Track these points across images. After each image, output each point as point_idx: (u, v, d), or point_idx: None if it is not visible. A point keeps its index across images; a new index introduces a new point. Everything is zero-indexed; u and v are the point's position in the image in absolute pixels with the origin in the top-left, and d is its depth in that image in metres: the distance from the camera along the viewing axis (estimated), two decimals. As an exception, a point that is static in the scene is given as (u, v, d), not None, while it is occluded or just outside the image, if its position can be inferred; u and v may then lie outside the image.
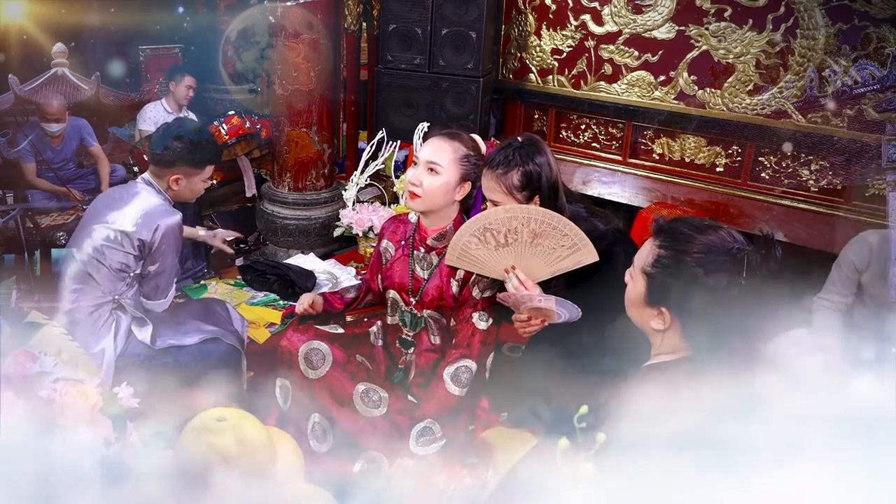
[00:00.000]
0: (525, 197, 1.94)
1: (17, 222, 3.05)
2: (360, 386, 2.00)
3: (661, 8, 3.54)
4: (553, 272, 1.87)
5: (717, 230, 1.28)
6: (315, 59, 3.64)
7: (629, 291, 1.38)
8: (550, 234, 1.81)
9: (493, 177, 1.94)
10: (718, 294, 1.22)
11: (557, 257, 1.84)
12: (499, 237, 1.86)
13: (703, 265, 1.23)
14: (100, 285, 2.23)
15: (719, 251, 1.23)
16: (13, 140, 3.78)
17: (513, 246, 1.87)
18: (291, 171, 3.85)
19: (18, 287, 2.92)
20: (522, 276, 1.87)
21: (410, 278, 2.11)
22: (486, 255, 1.90)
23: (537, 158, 1.94)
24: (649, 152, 3.84)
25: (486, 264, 1.91)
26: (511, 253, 1.88)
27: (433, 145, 2.02)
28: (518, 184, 1.92)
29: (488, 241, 1.87)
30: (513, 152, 1.93)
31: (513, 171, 1.92)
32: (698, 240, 1.25)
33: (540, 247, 1.84)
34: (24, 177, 3.84)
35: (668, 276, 1.27)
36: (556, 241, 1.82)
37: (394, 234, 2.19)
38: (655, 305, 1.30)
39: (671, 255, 1.27)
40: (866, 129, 3.06)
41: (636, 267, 1.36)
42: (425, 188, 1.99)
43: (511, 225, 1.84)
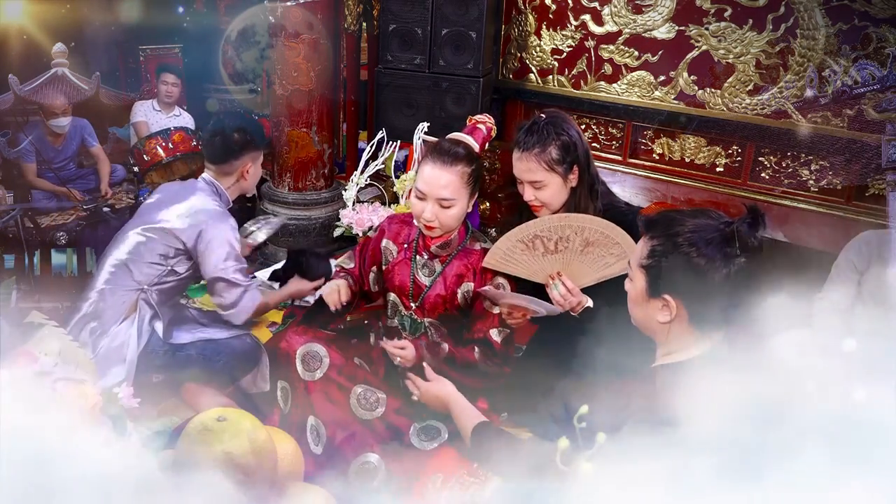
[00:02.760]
0: (565, 170, 1.94)
1: (17, 222, 3.04)
2: (358, 388, 1.99)
3: (661, 8, 3.54)
4: (598, 279, 1.86)
5: (703, 212, 1.32)
6: (315, 59, 3.64)
7: (631, 293, 1.39)
8: (603, 242, 1.81)
9: (531, 157, 1.93)
10: (716, 270, 1.25)
11: (605, 265, 1.84)
12: (549, 244, 1.85)
13: (696, 244, 1.26)
14: (132, 273, 2.27)
15: (708, 229, 1.27)
16: (13, 140, 3.78)
17: (562, 253, 1.85)
18: (291, 171, 3.85)
19: (18, 287, 2.92)
20: (570, 284, 1.86)
21: (412, 283, 2.10)
22: (530, 261, 1.89)
23: (568, 129, 1.95)
24: (649, 152, 3.83)
25: (529, 268, 1.90)
26: (559, 260, 1.87)
27: (437, 176, 1.92)
28: (557, 157, 1.92)
29: (536, 248, 1.86)
30: (543, 128, 1.93)
31: (550, 147, 1.91)
32: (687, 222, 1.29)
33: (590, 255, 1.83)
34: (25, 177, 3.84)
35: (665, 262, 1.30)
36: (608, 248, 1.81)
37: (396, 236, 2.17)
38: (658, 295, 1.31)
39: (664, 242, 1.30)
40: (866, 129, 3.05)
41: (633, 267, 1.37)
42: (442, 222, 1.96)
43: (564, 233, 1.83)
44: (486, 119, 2.21)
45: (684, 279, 1.27)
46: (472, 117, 2.23)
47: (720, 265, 1.24)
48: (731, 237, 1.25)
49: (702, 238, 1.26)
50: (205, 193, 2.35)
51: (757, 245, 1.25)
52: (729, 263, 1.24)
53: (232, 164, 2.36)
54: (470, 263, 2.06)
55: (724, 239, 1.25)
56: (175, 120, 4.47)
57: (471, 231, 2.12)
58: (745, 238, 1.24)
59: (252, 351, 2.36)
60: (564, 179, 1.96)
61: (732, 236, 1.25)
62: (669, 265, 1.29)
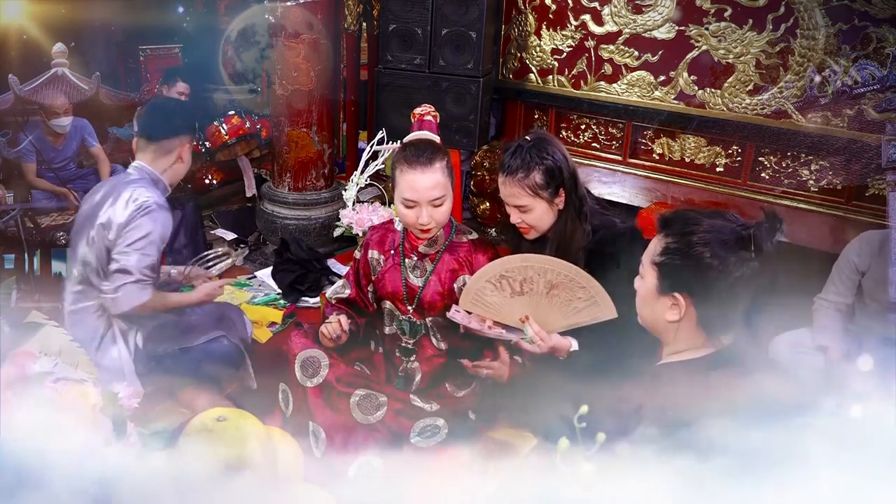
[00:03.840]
0: (550, 194, 1.92)
1: (17, 222, 3.05)
2: (359, 392, 1.98)
3: (661, 8, 3.54)
4: (569, 325, 1.81)
5: (719, 213, 1.31)
6: (315, 59, 3.64)
7: (640, 290, 1.39)
8: (567, 285, 1.75)
9: (515, 182, 1.91)
10: (729, 273, 1.23)
11: (574, 309, 1.79)
12: (514, 285, 1.81)
13: (710, 244, 1.25)
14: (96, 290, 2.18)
15: (724, 230, 1.26)
16: (13, 140, 3.78)
17: (528, 295, 1.81)
18: (291, 171, 3.85)
19: (18, 287, 2.92)
20: (536, 328, 1.81)
21: (404, 286, 2.10)
22: (501, 302, 1.84)
23: (553, 153, 1.92)
24: (649, 152, 3.83)
25: (500, 311, 1.86)
26: (526, 302, 1.82)
27: (423, 181, 1.90)
28: (542, 182, 1.90)
29: (504, 288, 1.82)
30: (527, 153, 1.90)
31: (534, 172, 1.89)
32: (704, 222, 1.28)
33: (556, 298, 1.78)
34: (25, 177, 3.84)
35: (678, 261, 1.29)
36: (573, 293, 1.76)
37: (380, 244, 2.16)
38: (669, 293, 1.31)
39: (679, 241, 1.29)
40: (866, 129, 3.05)
41: (645, 263, 1.37)
42: (438, 221, 1.96)
43: (527, 273, 1.78)
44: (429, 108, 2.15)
45: (696, 279, 1.26)
46: (414, 112, 2.16)
47: (734, 268, 1.23)
48: (746, 240, 1.24)
49: (717, 239, 1.25)
50: (138, 185, 2.20)
51: (771, 250, 1.24)
52: (743, 267, 1.23)
53: (171, 141, 2.26)
54: (461, 257, 2.07)
55: (739, 241, 1.24)
56: None
57: (455, 225, 2.12)
58: (761, 242, 1.23)
59: (231, 353, 2.31)
60: (550, 203, 1.94)
61: (748, 240, 1.23)
62: (682, 264, 1.28)
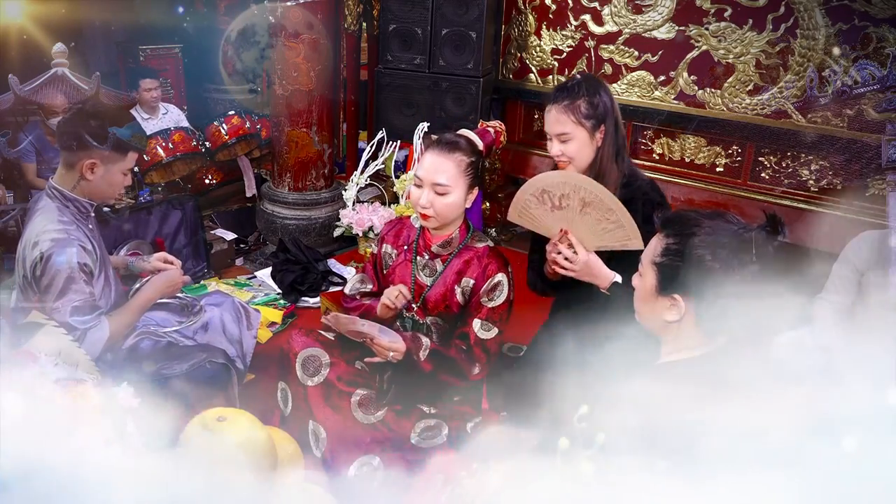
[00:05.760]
0: (592, 126, 2.00)
1: (18, 222, 3.05)
2: (360, 391, 1.98)
3: (661, 8, 3.54)
4: (600, 245, 1.90)
5: (721, 215, 1.31)
6: (315, 59, 3.64)
7: (639, 288, 1.38)
8: (597, 205, 1.85)
9: (560, 108, 2.00)
10: (729, 275, 1.23)
11: (603, 230, 1.88)
12: (554, 199, 1.91)
13: (711, 246, 1.25)
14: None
15: (725, 232, 1.26)
16: (13, 140, 3.77)
17: (565, 210, 1.91)
18: (291, 171, 3.85)
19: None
20: (574, 240, 1.91)
21: (413, 283, 2.09)
22: (542, 215, 1.96)
23: (600, 90, 2.02)
24: (649, 152, 3.83)
25: (542, 224, 1.97)
26: (563, 217, 1.92)
27: (435, 163, 1.93)
28: (586, 111, 1.99)
29: (545, 202, 1.93)
30: (576, 85, 2.01)
31: (579, 101, 1.99)
32: (705, 224, 1.28)
33: (588, 216, 1.88)
34: (25, 177, 3.84)
35: (678, 261, 1.29)
36: (602, 213, 1.85)
37: (395, 239, 2.15)
38: (668, 294, 1.31)
39: (679, 241, 1.29)
40: (866, 129, 3.05)
41: (644, 263, 1.37)
42: (437, 210, 1.95)
43: (564, 190, 1.88)
44: (496, 125, 2.23)
45: (696, 280, 1.26)
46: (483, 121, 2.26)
47: (734, 270, 1.23)
48: (748, 243, 1.23)
49: (718, 241, 1.25)
50: (46, 211, 1.94)
51: (773, 253, 1.24)
52: (743, 269, 1.23)
53: (69, 156, 1.92)
54: (472, 260, 2.06)
55: (740, 244, 1.24)
56: (165, 119, 4.44)
57: (472, 230, 2.11)
58: (762, 245, 1.23)
59: (216, 375, 2.18)
60: (591, 136, 2.01)
61: (750, 242, 1.23)
62: (683, 263, 1.28)
